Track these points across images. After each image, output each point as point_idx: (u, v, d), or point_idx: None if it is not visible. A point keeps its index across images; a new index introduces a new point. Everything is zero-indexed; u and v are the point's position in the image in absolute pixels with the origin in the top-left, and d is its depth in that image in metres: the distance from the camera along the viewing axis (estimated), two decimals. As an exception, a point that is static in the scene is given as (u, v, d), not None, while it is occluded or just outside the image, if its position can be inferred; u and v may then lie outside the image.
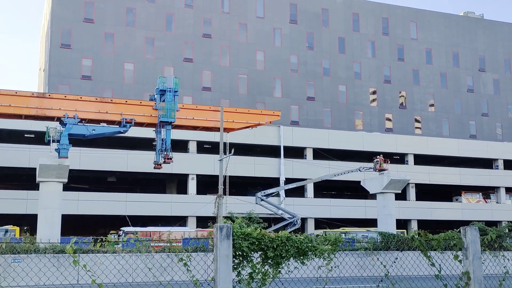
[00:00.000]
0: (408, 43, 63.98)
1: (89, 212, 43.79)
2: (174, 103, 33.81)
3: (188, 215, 45.91)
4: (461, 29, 66.64)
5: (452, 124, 64.17)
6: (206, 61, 55.84)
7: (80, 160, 41.43)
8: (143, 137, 41.90)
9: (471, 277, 6.93)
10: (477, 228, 7.28)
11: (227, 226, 6.35)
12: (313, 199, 50.77)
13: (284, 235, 6.97)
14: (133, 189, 51.90)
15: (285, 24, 59.36)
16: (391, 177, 38.55)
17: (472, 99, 65.80)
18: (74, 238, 7.26)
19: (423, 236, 7.40)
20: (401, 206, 49.10)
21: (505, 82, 67.84)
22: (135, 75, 53.43)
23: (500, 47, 68.25)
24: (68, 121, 31.71)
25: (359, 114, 60.74)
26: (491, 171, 57.70)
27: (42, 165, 30.36)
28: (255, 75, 57.31)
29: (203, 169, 46.76)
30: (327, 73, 60.06)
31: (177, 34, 55.35)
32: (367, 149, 52.44)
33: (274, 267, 6.86)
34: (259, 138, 48.57)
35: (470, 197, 57.08)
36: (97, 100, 34.01)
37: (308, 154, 51.42)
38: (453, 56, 65.67)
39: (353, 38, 61.66)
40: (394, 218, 38.81)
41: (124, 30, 53.74)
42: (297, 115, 58.07)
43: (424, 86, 63.85)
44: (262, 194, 37.69)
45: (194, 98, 52.72)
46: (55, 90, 47.41)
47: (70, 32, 51.81)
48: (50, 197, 30.66)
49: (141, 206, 45.02)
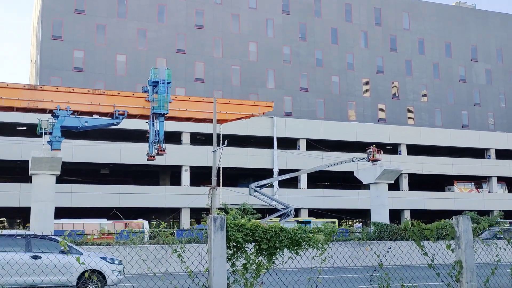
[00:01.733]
0: (401, 34, 64.00)
1: (83, 205, 43.71)
2: (167, 94, 33.66)
3: (181, 207, 45.94)
4: (454, 19, 66.72)
5: (444, 114, 64.39)
6: (198, 52, 55.66)
7: (73, 153, 41.29)
8: (136, 129, 41.78)
9: (464, 265, 6.98)
10: (469, 217, 7.33)
11: (221, 217, 6.36)
12: (307, 190, 50.91)
13: (278, 226, 6.99)
14: (126, 181, 51.82)
15: (278, 14, 59.20)
16: (384, 168, 38.66)
17: (464, 89, 66.02)
18: (67, 230, 7.25)
19: (416, 225, 7.44)
20: (394, 196, 49.33)
21: (497, 72, 68.07)
22: (127, 67, 53.19)
23: (492, 37, 68.40)
24: (60, 113, 31.51)
25: (352, 105, 60.82)
26: (483, 160, 58.01)
27: (35, 157, 30.20)
28: (248, 66, 57.19)
29: (197, 161, 46.73)
30: (320, 64, 60.04)
31: (169, 25, 55.09)
32: (360, 140, 52.56)
33: (268, 258, 6.88)
34: (252, 130, 48.56)
35: (462, 186, 57.39)
36: (89, 92, 33.80)
37: (301, 145, 51.48)
38: (445, 46, 65.77)
39: (345, 28, 61.60)
40: (387, 208, 38.96)
41: (116, 22, 53.43)
42: (290, 106, 58.07)
43: (416, 76, 63.97)
44: (256, 185, 37.69)
45: (187, 90, 52.57)
46: (46, 82, 47.13)
47: (61, 23, 51.45)
48: (43, 189, 30.52)
49: (134, 198, 44.97)
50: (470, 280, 6.93)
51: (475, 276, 6.98)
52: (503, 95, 68.00)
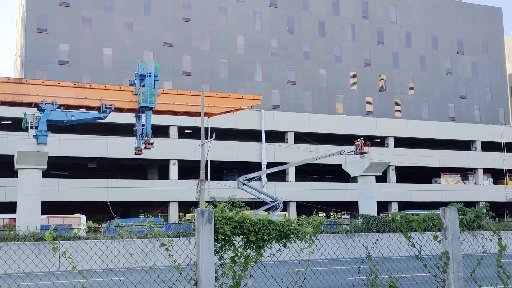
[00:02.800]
0: (388, 27, 64.15)
1: (70, 199, 43.42)
2: (154, 88, 33.50)
3: (170, 201, 45.82)
4: (440, 13, 67.00)
5: (431, 107, 64.77)
6: (186, 45, 55.39)
7: (59, 147, 40.97)
8: (123, 122, 41.55)
9: (450, 256, 7.02)
10: (456, 209, 7.36)
11: (209, 210, 6.33)
12: (295, 182, 51.01)
13: (266, 218, 6.97)
14: (114, 175, 51.56)
15: (265, 7, 59.04)
16: (372, 160, 38.84)
17: (450, 82, 66.42)
18: (53, 225, 7.18)
19: (404, 217, 7.46)
20: (382, 189, 49.60)
21: (483, 65, 68.54)
22: (114, 60, 52.80)
23: (478, 30, 68.81)
24: (46, 107, 31.24)
25: (340, 98, 60.95)
26: (469, 152, 58.48)
27: (20, 152, 29.94)
28: (236, 59, 57.04)
29: (185, 154, 46.61)
30: (308, 57, 60.04)
31: (156, 18, 54.73)
32: (348, 133, 52.72)
33: (257, 251, 6.87)
34: (240, 123, 48.49)
35: (449, 178, 57.85)
36: (75, 85, 33.53)
37: (289, 138, 51.53)
38: (432, 39, 66.07)
39: (333, 21, 61.62)
40: (375, 200, 39.18)
41: (102, 14, 52.96)
42: (278, 99, 58.06)
43: (403, 69, 64.22)
44: (244, 178, 37.69)
45: (174, 83, 52.33)
46: (32, 76, 46.65)
47: (46, 16, 50.89)
48: (29, 184, 30.29)
49: (122, 192, 44.77)
50: (456, 271, 6.97)
51: (461, 267, 7.03)
52: (488, 88, 68.51)
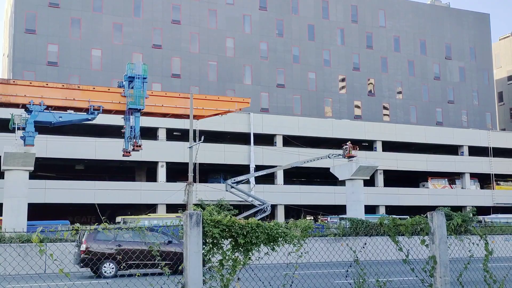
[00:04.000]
0: (377, 31, 64.51)
1: (57, 201, 43.10)
2: (143, 90, 33.39)
3: (157, 203, 45.63)
4: (428, 18, 67.51)
5: (419, 111, 65.16)
6: (175, 47, 55.28)
7: (47, 148, 40.68)
8: (112, 124, 41.33)
9: (438, 261, 7.06)
10: (443, 213, 7.40)
11: (197, 213, 6.31)
12: (283, 186, 51.03)
13: (254, 221, 6.97)
14: (102, 177, 51.21)
15: (255, 10, 59.12)
16: (360, 164, 39.02)
17: (438, 86, 66.89)
18: (40, 227, 7.12)
19: (391, 221, 7.49)
20: (370, 192, 49.74)
21: (471, 70, 69.12)
22: (102, 61, 52.55)
23: (465, 35, 69.40)
24: (34, 108, 31.03)
25: (329, 101, 61.14)
26: (456, 157, 58.86)
27: (7, 153, 29.72)
28: (225, 62, 57.03)
29: (173, 157, 46.46)
30: (297, 60, 60.18)
31: (145, 20, 54.58)
32: (336, 136, 52.85)
33: (245, 254, 6.87)
34: (229, 125, 48.46)
35: (436, 183, 58.18)
36: (63, 86, 33.33)
37: (278, 141, 51.55)
38: (420, 44, 66.52)
39: (322, 25, 61.84)
40: (362, 204, 39.34)
41: (91, 15, 52.71)
42: (267, 102, 58.11)
43: (392, 73, 64.58)
44: (232, 181, 37.68)
45: (163, 85, 52.19)
46: (20, 77, 46.30)
47: (35, 16, 50.56)
48: (16, 185, 30.08)
49: (110, 194, 44.53)
50: (444, 275, 7.01)
51: (448, 271, 7.07)
52: (476, 93, 69.07)
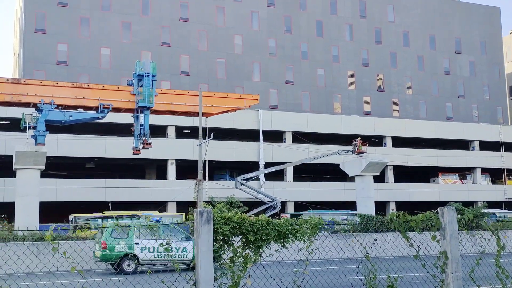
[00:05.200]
0: (386, 26, 64.20)
1: (68, 199, 43.37)
2: (152, 88, 33.50)
3: (168, 201, 45.81)
4: (438, 12, 67.07)
5: (429, 106, 64.83)
6: (183, 45, 55.35)
7: (57, 147, 40.92)
8: (121, 122, 41.49)
9: (449, 256, 7.04)
10: (454, 209, 7.38)
11: (207, 210, 6.34)
12: (293, 182, 51.01)
13: (264, 218, 6.99)
14: (112, 175, 51.48)
15: (263, 7, 59.03)
16: (370, 160, 38.90)
17: (448, 81, 66.49)
18: (52, 225, 7.19)
19: (402, 217, 7.49)
20: (380, 188, 49.62)
21: (481, 64, 68.63)
22: (111, 60, 52.74)
23: (475, 29, 68.89)
24: (44, 107, 31.23)
25: (338, 97, 60.98)
26: (467, 152, 58.53)
27: (19, 152, 29.93)
28: (233, 59, 57.03)
29: (182, 154, 46.58)
30: (306, 57, 60.06)
31: (153, 18, 54.69)
32: (346, 132, 52.73)
33: (255, 251, 6.89)
34: (238, 123, 48.48)
35: (447, 178, 57.90)
36: (73, 85, 33.52)
37: (287, 137, 51.53)
38: (429, 39, 66.13)
39: (330, 21, 61.64)
40: (373, 200, 39.24)
41: (99, 14, 52.90)
42: (276, 99, 58.06)
43: (401, 68, 64.27)
44: (242, 178, 37.73)
45: (172, 83, 52.29)
46: (30, 76, 46.58)
47: (44, 16, 50.82)
48: (28, 184, 30.29)
49: (120, 192, 44.75)
50: (455, 271, 7.00)
51: (460, 267, 7.05)
52: (486, 87, 68.60)
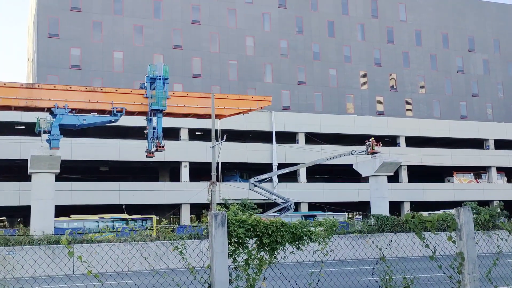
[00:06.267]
0: (398, 25, 63.87)
1: (82, 202, 43.68)
2: (164, 91, 33.63)
3: (181, 203, 45.94)
4: (450, 10, 66.59)
5: (442, 105, 64.37)
6: (195, 47, 55.51)
7: (71, 151, 41.23)
8: (135, 125, 41.71)
9: (465, 257, 6.98)
10: (470, 209, 7.31)
11: (222, 213, 6.34)
12: (306, 183, 50.91)
13: (279, 220, 6.97)
14: (126, 178, 51.76)
15: (274, 8, 59.03)
16: (383, 160, 38.68)
17: (462, 80, 65.97)
18: (68, 229, 7.24)
19: (417, 218, 7.43)
20: (394, 188, 49.34)
21: (495, 62, 68.01)
22: (124, 64, 53.05)
23: (489, 27, 68.29)
24: (58, 112, 31.49)
25: (350, 98, 60.77)
26: (482, 151, 58.02)
27: (34, 156, 30.20)
28: (245, 60, 57.08)
29: (196, 156, 46.69)
30: (317, 57, 59.93)
31: (165, 21, 54.93)
32: (359, 133, 52.53)
33: (270, 253, 6.87)
34: (250, 124, 48.50)
35: (461, 177, 57.42)
36: (87, 89, 33.77)
37: (300, 138, 51.45)
38: (442, 37, 65.66)
39: (342, 21, 61.46)
40: (387, 200, 39.01)
41: (112, 18, 53.24)
42: (288, 100, 58.00)
43: (414, 68, 63.89)
44: (255, 180, 37.70)
45: (184, 86, 52.46)
46: (44, 81, 47.00)
47: (57, 21, 51.27)
48: (43, 188, 30.55)
49: (134, 195, 44.96)
50: (472, 272, 6.93)
51: (477, 267, 6.98)
52: (501, 85, 67.96)
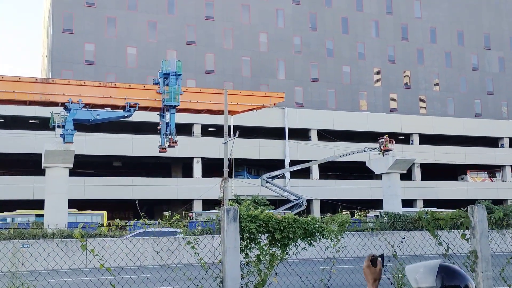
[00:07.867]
0: (412, 22, 63.40)
1: (96, 197, 44.00)
2: (177, 86, 33.72)
3: (194, 199, 46.09)
4: (465, 7, 65.94)
5: (457, 103, 63.84)
6: (209, 43, 55.55)
7: (85, 145, 41.52)
8: (148, 121, 41.89)
9: (479, 255, 6.93)
10: (484, 207, 7.25)
11: (234, 208, 6.35)
12: (318, 180, 50.82)
13: (291, 216, 6.96)
14: (139, 173, 52.05)
15: (288, 4, 58.85)
16: (396, 157, 38.53)
17: (477, 77, 65.35)
18: (81, 223, 7.29)
19: (430, 215, 7.38)
20: (407, 186, 49.08)
21: (510, 60, 67.25)
22: (138, 59, 53.24)
23: (504, 24, 67.54)
24: (72, 107, 31.71)
25: (363, 95, 60.48)
26: (496, 149, 57.50)
27: (48, 150, 30.46)
28: (259, 57, 57.01)
29: (208, 152, 46.80)
30: (331, 54, 59.69)
31: (179, 17, 55.01)
32: (372, 130, 52.30)
33: (282, 249, 6.87)
34: (263, 120, 48.49)
35: (475, 176, 56.97)
36: (100, 84, 33.96)
37: (312, 135, 51.34)
38: (457, 35, 65.07)
39: (356, 18, 61.14)
40: (399, 198, 38.86)
41: (126, 14, 53.43)
42: (301, 96, 57.87)
43: (428, 65, 63.40)
44: (267, 176, 37.70)
45: (197, 81, 52.55)
46: (58, 76, 47.33)
47: (72, 17, 51.56)
48: (57, 182, 30.82)
49: (147, 190, 45.18)
50: (485, 270, 6.88)
51: (490, 266, 6.93)
52: (516, 83, 67.21)
